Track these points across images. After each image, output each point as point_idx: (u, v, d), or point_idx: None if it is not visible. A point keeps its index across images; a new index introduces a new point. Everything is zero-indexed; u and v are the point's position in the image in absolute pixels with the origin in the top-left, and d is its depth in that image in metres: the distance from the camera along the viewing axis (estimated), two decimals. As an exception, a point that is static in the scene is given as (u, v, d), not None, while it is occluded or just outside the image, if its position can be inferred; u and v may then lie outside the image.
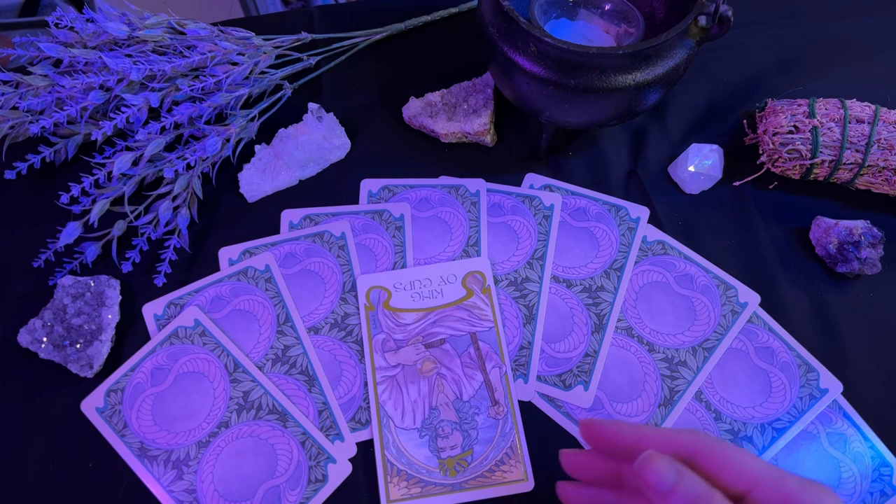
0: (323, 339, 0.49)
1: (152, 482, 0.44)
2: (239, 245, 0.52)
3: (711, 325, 0.49)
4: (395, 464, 0.45)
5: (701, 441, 0.30)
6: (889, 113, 0.52)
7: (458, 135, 0.56)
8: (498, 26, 0.46)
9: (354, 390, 0.47)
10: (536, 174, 0.56)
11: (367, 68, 0.62)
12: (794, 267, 0.52)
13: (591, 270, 0.52)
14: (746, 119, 0.59)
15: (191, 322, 0.49)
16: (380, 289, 0.50)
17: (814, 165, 0.52)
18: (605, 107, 0.46)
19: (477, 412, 0.46)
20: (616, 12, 0.53)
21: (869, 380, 0.48)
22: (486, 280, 0.51)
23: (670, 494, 0.28)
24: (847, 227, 0.51)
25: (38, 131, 0.50)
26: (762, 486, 0.28)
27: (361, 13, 0.65)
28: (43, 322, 0.48)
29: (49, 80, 0.52)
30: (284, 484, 0.44)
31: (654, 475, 0.28)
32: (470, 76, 0.59)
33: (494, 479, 0.44)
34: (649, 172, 0.57)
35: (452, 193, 0.55)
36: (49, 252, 0.50)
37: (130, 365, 0.47)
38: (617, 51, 0.42)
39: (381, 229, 0.53)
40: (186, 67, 0.52)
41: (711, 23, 0.45)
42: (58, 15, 0.53)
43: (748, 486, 0.28)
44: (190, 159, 0.52)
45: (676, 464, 0.29)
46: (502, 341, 0.49)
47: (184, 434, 0.45)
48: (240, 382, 0.47)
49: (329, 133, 0.56)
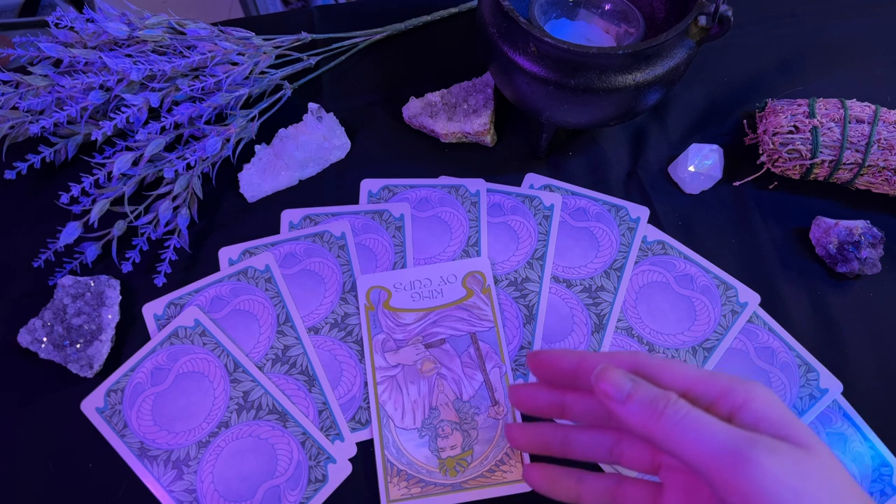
0: (323, 339, 0.49)
1: (152, 482, 0.44)
2: (239, 245, 0.52)
3: (711, 325, 0.49)
4: (395, 464, 0.45)
5: (640, 357, 0.33)
6: (889, 113, 0.52)
7: (458, 135, 0.56)
8: (498, 26, 0.46)
9: (354, 390, 0.47)
10: (536, 174, 0.56)
11: (367, 68, 0.62)
12: (794, 267, 0.52)
13: (591, 270, 0.52)
14: (746, 119, 0.59)
15: (191, 322, 0.49)
16: (380, 289, 0.50)
17: (814, 165, 0.52)
18: (605, 107, 0.46)
19: (477, 412, 0.46)
20: (616, 12, 0.53)
21: (869, 380, 0.48)
22: (486, 280, 0.51)
23: (628, 401, 0.30)
24: (847, 227, 0.51)
25: (38, 131, 0.50)
26: (696, 385, 0.31)
27: (361, 13, 0.65)
28: (43, 322, 0.48)
29: (49, 80, 0.52)
30: (284, 484, 0.44)
31: (611, 385, 0.31)
32: (470, 76, 0.59)
33: (494, 479, 0.44)
34: (649, 172, 0.57)
35: (452, 193, 0.55)
36: (49, 252, 0.50)
37: (130, 365, 0.47)
38: (617, 51, 0.42)
39: (381, 229, 0.53)
40: (186, 67, 0.52)
41: (711, 23, 0.45)
42: (58, 15, 0.53)
43: (684, 388, 0.31)
44: (190, 159, 0.52)
45: (630, 375, 0.31)
46: (502, 341, 0.49)
47: (184, 434, 0.45)
48: (240, 382, 0.47)
49: (329, 133, 0.56)
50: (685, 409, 0.29)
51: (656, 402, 0.30)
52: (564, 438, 0.37)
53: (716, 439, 0.27)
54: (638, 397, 0.30)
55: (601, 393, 0.31)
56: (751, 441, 0.27)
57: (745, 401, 0.29)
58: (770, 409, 0.29)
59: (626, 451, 0.35)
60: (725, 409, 0.30)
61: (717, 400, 0.30)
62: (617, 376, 0.31)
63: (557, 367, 0.35)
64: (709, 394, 0.30)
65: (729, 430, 0.28)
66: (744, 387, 0.30)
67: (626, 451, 0.35)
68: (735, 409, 0.29)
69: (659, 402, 0.29)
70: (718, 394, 0.30)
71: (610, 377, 0.31)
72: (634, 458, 0.35)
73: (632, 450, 0.35)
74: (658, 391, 0.30)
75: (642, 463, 0.35)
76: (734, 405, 0.29)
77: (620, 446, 0.35)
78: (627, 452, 0.35)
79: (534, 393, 0.38)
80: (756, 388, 0.30)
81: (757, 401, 0.29)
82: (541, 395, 0.37)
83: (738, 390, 0.30)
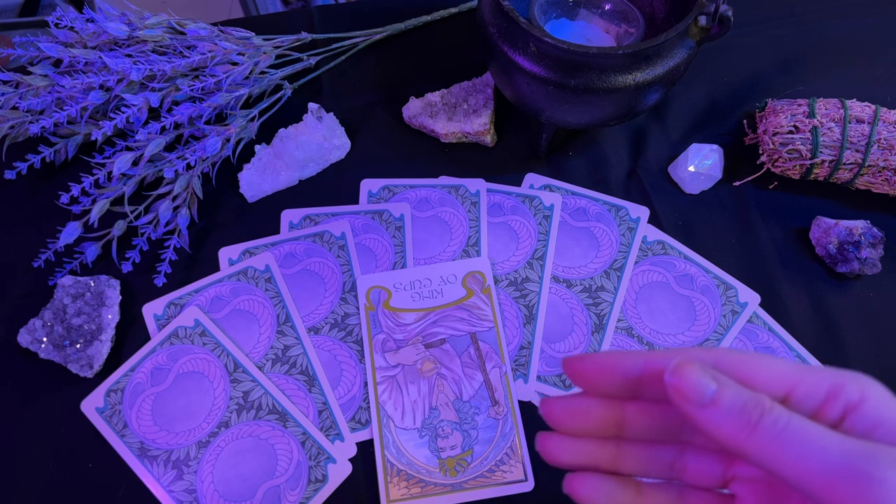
0: (323, 339, 0.49)
1: (152, 482, 0.44)
2: (239, 245, 0.52)
3: (711, 325, 0.49)
4: (395, 464, 0.45)
5: (721, 353, 0.26)
6: (889, 113, 0.52)
7: (458, 135, 0.56)
8: (498, 26, 0.46)
9: (354, 390, 0.47)
10: (536, 174, 0.56)
11: (367, 68, 0.62)
12: (794, 267, 0.52)
13: (591, 270, 0.52)
14: (746, 119, 0.59)
15: (191, 322, 0.49)
16: (380, 289, 0.50)
17: (814, 165, 0.52)
18: (605, 107, 0.46)
19: (477, 412, 0.46)
20: (616, 12, 0.53)
21: (869, 380, 0.48)
22: (486, 280, 0.51)
23: (712, 406, 0.24)
24: (847, 227, 0.51)
25: (38, 131, 0.50)
26: (801, 383, 0.25)
27: (361, 13, 0.65)
28: (43, 322, 0.48)
29: (49, 80, 0.52)
30: (284, 484, 0.44)
31: (690, 385, 0.24)
32: (470, 76, 0.59)
33: (494, 479, 0.44)
34: (649, 172, 0.57)
35: (452, 193, 0.55)
36: (49, 252, 0.50)
37: (130, 365, 0.47)
38: (617, 51, 0.42)
39: (381, 229, 0.53)
40: (186, 67, 0.52)
41: (711, 23, 0.45)
42: (58, 15, 0.53)
43: (786, 388, 0.25)
44: (190, 159, 0.52)
45: (714, 371, 0.25)
46: (502, 341, 0.49)
47: (184, 434, 0.45)
48: (240, 382, 0.47)
49: (329, 133, 0.56)
50: (785, 418, 0.24)
51: (748, 408, 0.24)
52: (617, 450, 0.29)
53: (827, 455, 0.22)
54: (725, 402, 0.24)
55: (676, 394, 0.25)
56: (871, 456, 0.22)
57: (858, 400, 0.24)
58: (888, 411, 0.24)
59: (692, 464, 0.29)
60: (836, 412, 0.24)
61: (826, 401, 0.25)
62: (698, 374, 0.25)
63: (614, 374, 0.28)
64: (815, 395, 0.25)
65: (843, 444, 0.23)
66: (857, 383, 0.24)
67: (692, 464, 0.29)
68: (847, 411, 0.24)
69: (752, 409, 0.24)
70: (827, 394, 0.25)
71: (689, 375, 0.25)
72: (701, 472, 0.29)
73: (698, 463, 0.29)
74: (750, 395, 0.24)
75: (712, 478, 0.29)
76: (847, 406, 0.24)
77: (684, 459, 0.29)
78: (692, 466, 0.29)
79: (585, 407, 0.29)
80: (871, 386, 0.24)
81: (871, 401, 0.24)
82: (594, 410, 0.29)
83: (849, 388, 0.24)
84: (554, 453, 0.29)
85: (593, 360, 0.28)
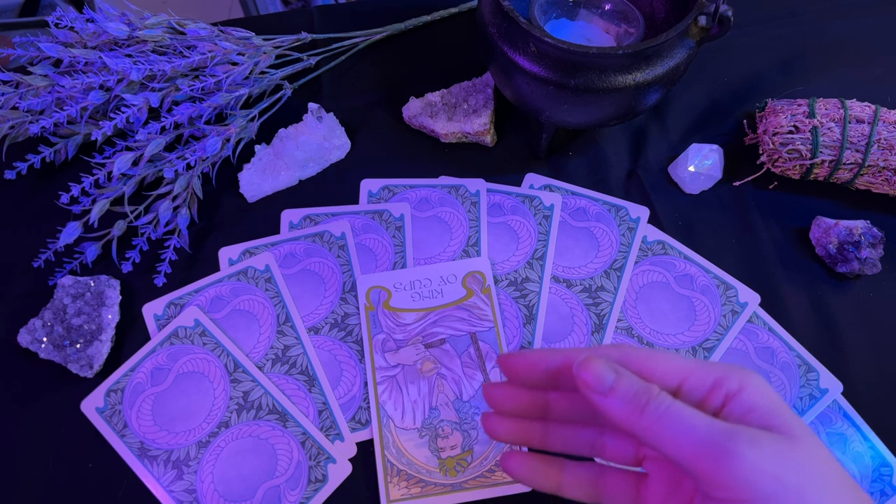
0: (323, 339, 0.49)
1: (152, 482, 0.44)
2: (239, 245, 0.52)
3: (711, 325, 0.49)
4: (395, 464, 0.45)
5: (627, 350, 0.31)
6: (889, 113, 0.52)
7: (458, 135, 0.56)
8: (498, 26, 0.46)
9: (354, 390, 0.47)
10: (536, 174, 0.56)
11: (366, 68, 0.62)
12: (794, 267, 0.52)
13: (591, 270, 0.52)
14: (746, 119, 0.59)
15: (191, 322, 0.49)
16: (380, 289, 0.50)
17: (814, 165, 0.52)
18: (605, 107, 0.46)
19: (477, 412, 0.46)
20: (616, 12, 0.53)
21: (869, 380, 0.48)
22: (486, 280, 0.51)
23: (610, 394, 0.29)
24: (847, 227, 0.51)
25: (38, 131, 0.50)
26: (691, 376, 0.30)
27: (361, 13, 0.65)
28: (43, 322, 0.48)
29: (49, 80, 0.52)
30: (284, 484, 0.44)
31: (593, 376, 0.30)
32: (470, 76, 0.59)
33: (494, 479, 0.44)
34: (649, 172, 0.57)
35: (452, 193, 0.55)
36: (49, 252, 0.50)
37: (130, 365, 0.47)
38: (617, 51, 0.42)
39: (381, 229, 0.53)
40: (186, 67, 0.52)
41: (711, 23, 0.45)
42: (58, 15, 0.53)
43: (678, 380, 0.30)
44: (190, 159, 0.52)
45: (614, 365, 0.30)
46: (502, 341, 0.49)
47: (184, 434, 0.45)
48: (240, 382, 0.47)
49: (329, 133, 0.56)
50: (667, 403, 0.28)
51: (639, 395, 0.29)
52: (545, 430, 0.36)
53: (696, 433, 0.27)
54: (621, 390, 0.29)
55: (583, 384, 0.30)
56: (731, 433, 0.27)
57: (737, 390, 0.29)
58: (761, 399, 0.28)
59: (609, 444, 0.34)
60: (719, 400, 0.29)
61: (711, 391, 0.29)
62: (600, 367, 0.30)
63: (538, 369, 0.34)
64: (703, 385, 0.29)
65: (710, 424, 0.27)
66: (737, 376, 0.29)
67: (609, 444, 0.34)
68: (727, 398, 0.29)
69: (641, 395, 0.29)
70: (712, 384, 0.29)
71: (593, 368, 0.30)
72: (617, 451, 0.34)
73: (614, 443, 0.34)
74: (641, 384, 0.29)
75: (625, 456, 0.34)
76: (727, 395, 0.29)
77: (602, 439, 0.35)
78: (610, 445, 0.34)
79: (514, 393, 0.36)
80: (749, 378, 0.29)
81: (748, 390, 0.29)
82: (522, 395, 0.35)
83: (730, 379, 0.29)
84: (493, 428, 0.36)
85: (522, 357, 0.34)
